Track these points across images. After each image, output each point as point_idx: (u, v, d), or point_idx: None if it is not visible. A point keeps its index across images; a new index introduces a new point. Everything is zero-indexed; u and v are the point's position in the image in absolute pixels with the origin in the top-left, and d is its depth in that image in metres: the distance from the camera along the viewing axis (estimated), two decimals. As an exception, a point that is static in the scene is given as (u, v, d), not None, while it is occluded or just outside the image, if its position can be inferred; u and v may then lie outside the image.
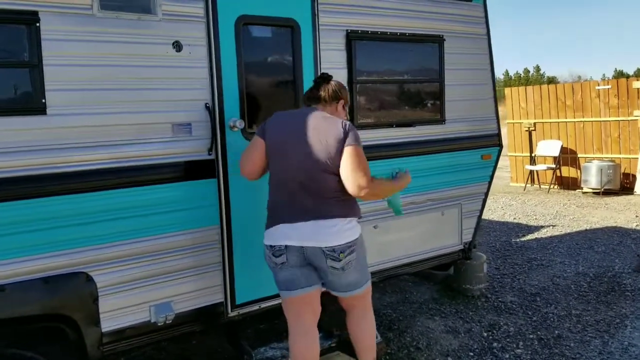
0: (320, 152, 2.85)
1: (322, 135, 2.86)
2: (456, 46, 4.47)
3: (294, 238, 2.90)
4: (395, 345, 4.55)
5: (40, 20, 2.73)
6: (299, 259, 2.95)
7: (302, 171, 2.88)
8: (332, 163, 2.86)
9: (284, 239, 2.92)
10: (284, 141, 2.93)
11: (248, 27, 3.42)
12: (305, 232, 2.89)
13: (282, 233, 2.92)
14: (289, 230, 2.90)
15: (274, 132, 2.96)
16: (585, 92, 11.42)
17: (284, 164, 2.93)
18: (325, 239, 2.88)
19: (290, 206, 2.92)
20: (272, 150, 2.95)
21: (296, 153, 2.89)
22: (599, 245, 7.38)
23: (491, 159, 4.79)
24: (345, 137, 2.87)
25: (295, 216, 2.90)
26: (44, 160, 2.78)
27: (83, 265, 2.95)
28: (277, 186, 2.98)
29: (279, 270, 3.01)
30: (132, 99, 3.01)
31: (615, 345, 4.45)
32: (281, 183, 2.95)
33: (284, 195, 2.95)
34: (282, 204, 2.95)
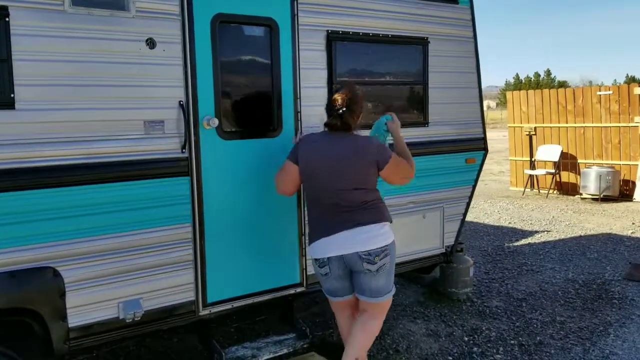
0: (354, 174, 3.15)
1: (355, 158, 3.14)
2: (441, 49, 4.44)
3: (334, 249, 3.19)
4: (375, 347, 4.53)
5: (9, 15, 2.74)
6: (340, 268, 3.25)
7: (336, 191, 3.16)
8: (367, 180, 3.19)
9: (326, 252, 3.22)
10: (318, 166, 3.18)
11: (225, 26, 3.41)
12: (342, 241, 3.17)
13: (323, 246, 3.22)
14: (329, 242, 3.20)
15: (307, 158, 3.21)
16: (586, 97, 11.34)
17: (318, 185, 3.21)
18: (362, 244, 3.16)
19: (327, 221, 3.20)
20: (306, 173, 3.23)
21: (330, 177, 3.15)
22: (591, 252, 7.33)
23: (475, 162, 4.76)
24: (379, 156, 3.19)
25: (333, 228, 3.18)
26: (12, 154, 2.79)
27: (50, 260, 2.95)
28: (313, 202, 3.27)
29: (324, 281, 3.37)
30: (104, 95, 3.02)
31: (596, 353, 4.41)
32: (317, 201, 3.24)
33: (320, 212, 3.24)
34: (320, 220, 3.24)
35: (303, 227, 3.83)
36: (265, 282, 3.72)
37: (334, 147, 3.17)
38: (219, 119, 3.39)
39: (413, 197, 4.43)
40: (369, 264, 3.18)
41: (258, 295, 3.69)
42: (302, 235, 3.83)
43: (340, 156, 3.14)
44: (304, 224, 3.83)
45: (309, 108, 3.78)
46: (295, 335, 3.83)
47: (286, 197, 3.71)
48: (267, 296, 3.73)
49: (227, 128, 3.47)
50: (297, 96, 3.72)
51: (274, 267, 3.75)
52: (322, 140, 3.23)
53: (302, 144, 3.27)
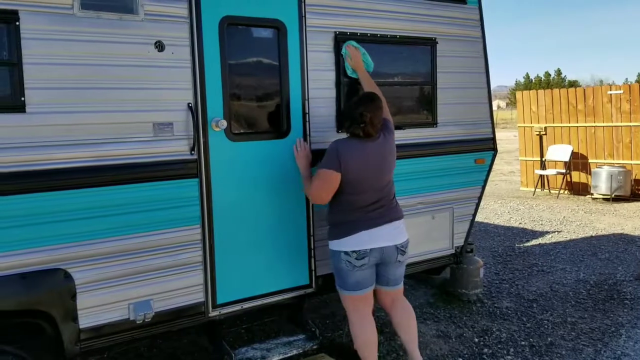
0: (390, 171, 3.53)
1: (388, 157, 3.50)
2: (449, 49, 4.43)
3: (379, 241, 3.44)
4: (385, 348, 4.53)
5: (20, 19, 2.77)
6: (375, 260, 3.48)
7: (380, 190, 3.47)
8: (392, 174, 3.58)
9: (368, 244, 3.42)
10: (364, 168, 3.39)
11: (232, 28, 3.42)
12: (384, 234, 3.46)
13: (365, 239, 3.42)
14: (371, 235, 3.42)
15: (352, 163, 3.37)
16: (597, 96, 11.27)
17: (364, 186, 3.41)
18: (399, 237, 3.53)
19: (368, 217, 3.43)
20: (351, 178, 3.38)
21: (376, 175, 3.43)
22: (603, 252, 7.27)
23: (485, 163, 4.74)
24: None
25: (372, 223, 3.43)
26: (23, 157, 2.82)
27: (61, 262, 2.98)
28: (351, 203, 3.43)
29: (355, 272, 3.46)
30: (113, 97, 3.04)
31: (607, 354, 4.38)
32: (359, 201, 3.43)
33: (360, 210, 3.44)
34: (360, 216, 3.43)
35: (312, 229, 3.84)
36: (275, 284, 3.72)
37: (374, 148, 3.43)
38: (227, 121, 3.40)
39: (422, 197, 4.42)
40: (401, 255, 3.56)
41: (267, 296, 3.70)
42: (310, 236, 3.83)
43: (382, 155, 3.46)
44: (313, 225, 3.84)
45: (317, 109, 3.79)
46: (304, 337, 3.83)
47: (294, 199, 3.74)
48: (277, 297, 3.74)
49: (235, 130, 3.49)
50: (305, 98, 3.73)
51: (283, 268, 3.75)
52: (359, 145, 3.41)
53: (341, 152, 3.37)
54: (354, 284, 3.51)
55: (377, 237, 3.45)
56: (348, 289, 3.54)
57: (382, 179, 3.48)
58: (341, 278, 3.54)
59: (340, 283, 3.57)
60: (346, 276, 3.50)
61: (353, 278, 3.49)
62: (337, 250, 3.48)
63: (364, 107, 3.39)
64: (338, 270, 3.54)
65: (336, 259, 3.51)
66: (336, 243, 3.49)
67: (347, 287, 3.53)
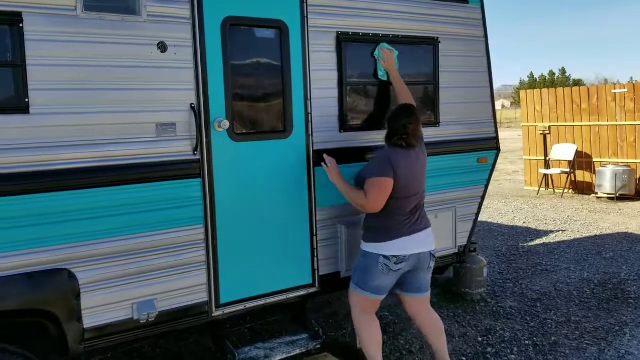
0: (425, 179, 3.68)
1: (425, 165, 3.68)
2: (452, 48, 4.43)
3: (416, 247, 3.55)
4: (388, 348, 4.53)
5: (23, 21, 2.78)
6: (410, 266, 3.56)
7: (419, 196, 3.61)
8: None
9: (409, 250, 3.52)
10: (412, 176, 3.53)
11: (235, 29, 3.43)
12: (421, 240, 3.58)
13: (406, 245, 3.52)
14: (411, 241, 3.54)
15: (404, 171, 3.49)
16: (601, 95, 11.24)
17: (410, 193, 3.53)
18: (432, 244, 3.67)
19: (408, 223, 3.55)
20: (402, 185, 3.49)
21: (419, 183, 3.60)
22: (607, 251, 7.26)
23: (488, 162, 4.74)
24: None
25: (413, 229, 3.56)
26: (27, 158, 2.83)
27: (65, 261, 2.99)
28: (395, 209, 3.52)
29: (386, 276, 3.53)
30: (116, 99, 3.05)
31: (611, 353, 4.37)
32: (404, 207, 3.53)
33: (404, 216, 3.54)
34: (401, 222, 3.54)
35: (315, 228, 3.84)
36: (278, 283, 3.73)
37: (416, 156, 3.59)
38: (230, 121, 3.42)
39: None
40: (432, 262, 3.68)
41: (270, 296, 3.71)
42: (313, 235, 3.84)
43: (422, 164, 3.64)
44: (316, 224, 3.85)
45: (320, 109, 3.80)
46: (308, 336, 3.84)
47: (297, 198, 3.74)
48: (280, 297, 3.75)
49: (238, 130, 3.50)
50: (308, 98, 3.74)
51: (286, 268, 3.76)
52: (405, 153, 3.55)
53: (393, 159, 3.48)
54: (376, 287, 3.56)
55: (416, 243, 3.56)
56: (367, 290, 3.58)
57: (422, 185, 3.65)
58: (365, 278, 3.57)
59: (361, 283, 3.59)
60: (373, 278, 3.54)
61: (379, 282, 3.54)
62: (375, 253, 3.53)
63: (407, 119, 3.52)
64: (366, 271, 3.57)
65: (370, 261, 3.54)
66: (375, 246, 3.54)
67: (368, 288, 3.57)
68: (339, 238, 3.97)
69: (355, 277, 3.65)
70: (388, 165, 3.47)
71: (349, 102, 3.95)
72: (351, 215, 3.99)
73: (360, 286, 3.60)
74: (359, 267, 3.64)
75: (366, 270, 3.57)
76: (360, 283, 3.60)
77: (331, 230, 3.93)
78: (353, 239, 4.01)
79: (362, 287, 3.59)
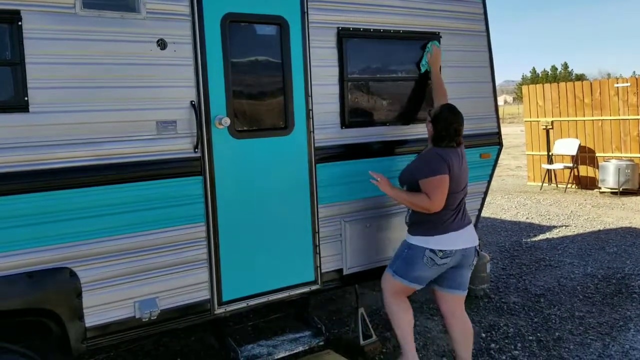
0: (467, 174, 3.76)
1: (466, 164, 3.74)
2: (453, 43, 4.41)
3: (462, 243, 3.61)
4: (392, 344, 4.52)
5: (22, 19, 2.77)
6: (455, 261, 3.62)
7: (464, 191, 3.70)
8: None
9: (456, 245, 3.58)
10: (459, 174, 3.62)
11: (235, 25, 3.41)
12: (467, 236, 3.65)
13: (453, 239, 3.58)
14: (459, 236, 3.60)
15: (454, 168, 3.58)
16: (603, 90, 11.20)
17: (456, 189, 3.61)
18: (476, 239, 3.74)
19: (455, 218, 3.62)
20: (451, 181, 3.57)
21: (463, 181, 3.68)
22: (611, 246, 7.23)
23: (490, 157, 4.71)
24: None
25: (460, 224, 3.63)
26: (27, 157, 2.82)
27: (67, 260, 2.98)
28: (447, 204, 3.57)
29: (427, 269, 3.59)
30: (116, 96, 3.04)
31: (615, 348, 4.36)
32: (451, 201, 3.58)
33: (453, 211, 3.61)
34: (449, 217, 3.60)
35: (317, 225, 3.83)
36: (280, 280, 3.72)
37: (462, 156, 3.69)
38: (230, 118, 3.40)
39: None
40: (475, 258, 3.73)
41: (273, 293, 3.69)
42: (315, 233, 3.83)
43: (465, 163, 3.73)
44: (318, 221, 3.83)
45: (321, 106, 3.78)
46: (310, 333, 3.84)
47: (299, 195, 3.73)
48: (282, 294, 3.74)
49: (239, 127, 3.48)
50: (309, 94, 3.71)
51: (288, 265, 3.75)
52: (455, 152, 3.64)
53: (445, 157, 3.56)
54: (416, 277, 3.63)
55: (462, 238, 3.62)
56: (405, 278, 3.65)
57: (465, 181, 3.71)
58: (405, 268, 3.63)
59: (400, 271, 3.66)
60: (414, 269, 3.61)
61: (419, 272, 3.61)
62: (422, 246, 3.58)
63: (457, 123, 3.64)
64: (408, 261, 3.63)
65: (416, 253, 3.60)
66: (423, 239, 3.60)
67: (406, 276, 3.64)
68: (341, 235, 3.95)
69: (395, 265, 3.70)
70: (441, 162, 3.54)
71: (350, 98, 3.93)
72: (353, 212, 3.98)
73: (398, 274, 3.67)
74: (400, 257, 3.70)
75: (409, 261, 3.63)
76: (400, 271, 3.66)
77: (333, 227, 3.91)
78: (356, 235, 4.00)
79: (401, 275, 3.66)
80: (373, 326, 4.51)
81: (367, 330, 4.38)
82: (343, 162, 3.89)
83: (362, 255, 4.05)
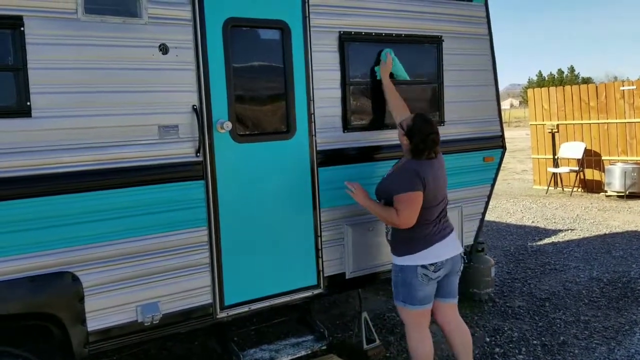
0: (446, 184, 3.68)
1: (444, 170, 3.67)
2: (456, 47, 4.40)
3: (449, 252, 3.55)
4: (395, 349, 4.51)
5: (24, 25, 2.79)
6: (446, 270, 3.56)
7: (444, 202, 3.62)
8: None
9: (444, 255, 3.52)
10: (435, 187, 3.53)
11: (236, 30, 3.42)
12: (451, 244, 3.59)
13: (440, 251, 3.51)
14: (444, 246, 3.54)
15: (429, 182, 3.48)
16: (609, 93, 11.15)
17: (436, 202, 3.54)
18: (460, 246, 3.72)
19: (438, 228, 3.55)
20: (430, 196, 3.49)
21: (441, 193, 3.60)
22: (617, 250, 7.19)
23: (494, 161, 4.70)
24: None
25: (442, 234, 3.56)
26: (30, 161, 2.84)
27: (69, 265, 2.99)
28: (425, 218, 3.50)
29: (426, 286, 3.51)
30: (118, 101, 3.05)
31: (621, 352, 4.33)
32: (431, 216, 3.52)
33: (432, 223, 3.53)
34: (432, 230, 3.53)
35: (319, 229, 3.83)
36: (282, 285, 3.72)
37: (439, 164, 3.61)
38: (232, 123, 3.41)
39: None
40: (462, 264, 3.71)
41: (275, 297, 3.69)
42: (318, 237, 3.83)
43: (443, 169, 3.65)
44: (320, 226, 3.83)
45: (322, 109, 3.78)
46: (313, 337, 3.83)
47: (300, 199, 3.73)
48: (285, 298, 3.73)
49: (240, 131, 3.49)
50: (310, 98, 3.72)
51: (291, 269, 3.74)
52: (429, 163, 3.54)
53: (421, 172, 3.46)
54: (423, 298, 3.53)
55: (448, 248, 3.56)
56: (415, 304, 3.53)
57: (445, 191, 3.65)
58: (410, 293, 3.52)
59: (407, 298, 3.54)
60: (416, 291, 3.50)
61: (423, 292, 3.51)
62: (412, 264, 3.49)
63: (434, 133, 3.52)
64: (407, 285, 3.51)
65: (408, 274, 3.50)
66: (410, 258, 3.50)
67: (415, 302, 3.53)
68: (344, 239, 3.95)
69: (400, 295, 3.58)
70: (416, 178, 3.44)
71: (352, 102, 3.93)
72: (356, 216, 3.97)
73: (407, 302, 3.55)
74: (399, 283, 3.57)
75: (407, 284, 3.52)
76: (408, 299, 3.54)
77: (336, 231, 3.91)
78: (358, 239, 3.99)
79: (410, 303, 3.54)
80: (376, 330, 4.50)
81: (370, 335, 4.36)
82: (345, 165, 3.88)
83: (364, 260, 4.04)
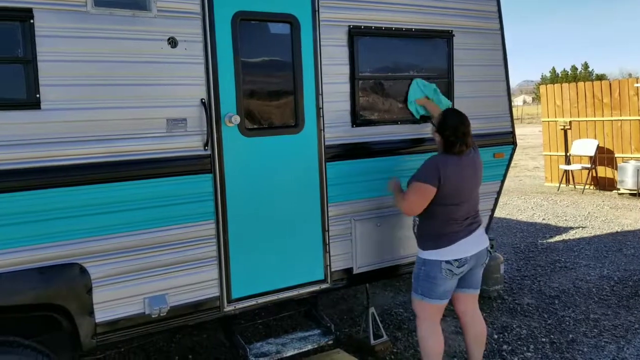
0: (479, 185, 3.70)
1: (479, 171, 3.69)
2: (467, 42, 4.37)
3: (474, 248, 3.57)
4: (402, 344, 4.51)
5: (34, 17, 2.80)
6: (470, 266, 3.59)
7: (472, 202, 3.62)
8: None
9: (469, 251, 3.53)
10: (458, 184, 3.52)
11: (245, 23, 3.42)
12: (477, 240, 3.61)
13: (465, 247, 3.53)
14: (470, 243, 3.55)
15: (449, 178, 3.47)
16: (623, 89, 11.03)
17: (461, 199, 3.53)
18: (487, 240, 3.73)
19: (462, 226, 3.55)
20: (446, 191, 3.48)
21: (467, 193, 3.57)
22: (628, 248, 7.13)
23: (504, 157, 4.67)
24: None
25: (469, 230, 3.57)
26: (39, 153, 2.85)
27: (77, 256, 3.01)
28: (448, 214, 3.53)
29: (448, 281, 3.54)
30: (127, 94, 3.06)
31: (630, 351, 4.29)
32: (454, 212, 3.53)
33: (456, 220, 3.54)
34: (456, 226, 3.54)
35: (327, 224, 3.82)
36: (290, 279, 3.72)
37: (467, 162, 3.58)
38: (240, 116, 3.41)
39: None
40: (487, 257, 3.74)
41: (282, 291, 3.69)
42: (325, 231, 3.82)
43: (474, 169, 3.63)
44: (328, 220, 3.82)
45: (331, 104, 3.77)
46: (320, 332, 3.83)
47: (308, 193, 3.72)
48: (292, 292, 3.73)
49: (249, 125, 3.49)
50: (319, 92, 3.71)
51: (298, 263, 3.74)
52: (456, 160, 3.54)
53: (442, 167, 3.47)
54: (443, 292, 3.56)
55: (473, 244, 3.58)
56: (434, 298, 3.56)
57: (474, 191, 3.64)
58: (430, 287, 3.55)
59: (427, 292, 3.56)
60: (438, 285, 3.53)
61: (444, 287, 3.54)
62: (437, 259, 3.51)
63: (464, 125, 3.53)
64: (430, 279, 3.53)
65: (432, 268, 3.52)
66: (435, 253, 3.53)
67: (434, 295, 3.55)
68: (351, 234, 3.94)
69: (419, 288, 3.60)
70: (434, 172, 3.47)
71: (361, 96, 3.92)
72: (364, 211, 3.96)
73: (427, 295, 3.57)
74: (420, 276, 3.59)
75: (430, 278, 3.54)
76: (427, 292, 3.57)
77: (343, 225, 3.90)
78: (366, 234, 3.98)
79: (428, 296, 3.57)
80: (384, 326, 4.50)
81: (377, 330, 4.36)
82: (353, 160, 3.87)
83: (372, 255, 4.04)
